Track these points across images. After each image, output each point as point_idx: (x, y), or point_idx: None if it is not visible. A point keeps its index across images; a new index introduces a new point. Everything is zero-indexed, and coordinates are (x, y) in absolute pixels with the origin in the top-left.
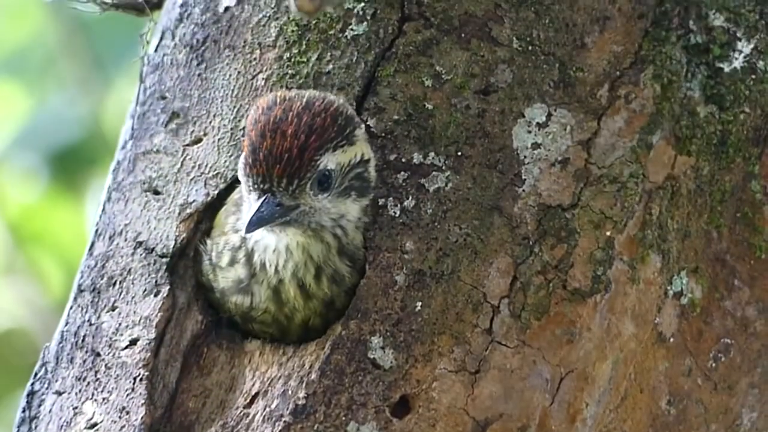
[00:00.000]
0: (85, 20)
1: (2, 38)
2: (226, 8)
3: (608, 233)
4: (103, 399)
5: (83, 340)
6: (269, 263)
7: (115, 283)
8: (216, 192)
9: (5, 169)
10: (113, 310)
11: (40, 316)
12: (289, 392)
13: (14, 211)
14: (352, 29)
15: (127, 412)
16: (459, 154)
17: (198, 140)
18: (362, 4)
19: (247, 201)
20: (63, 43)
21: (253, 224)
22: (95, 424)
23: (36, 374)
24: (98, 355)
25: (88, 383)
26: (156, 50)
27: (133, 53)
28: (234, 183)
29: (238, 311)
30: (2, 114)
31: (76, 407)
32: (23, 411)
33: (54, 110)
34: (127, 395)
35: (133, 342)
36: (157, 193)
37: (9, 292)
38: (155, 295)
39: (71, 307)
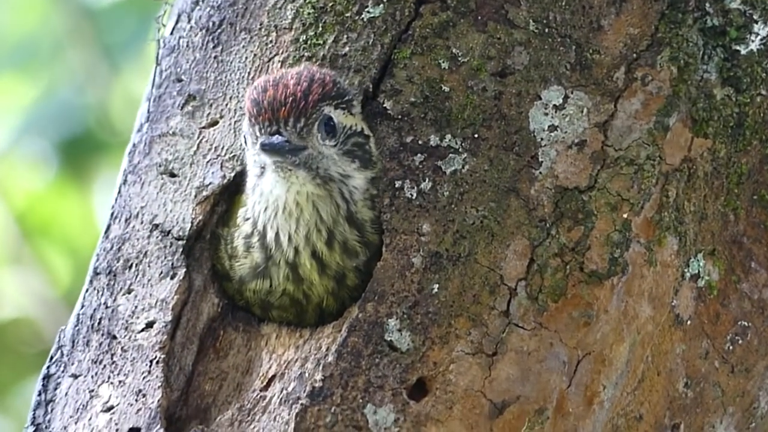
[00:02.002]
0: (92, 9)
1: (10, 28)
2: None
3: (625, 215)
4: (120, 382)
5: (99, 323)
6: (282, 232)
7: (131, 266)
8: (232, 174)
9: (13, 159)
10: (129, 293)
11: (47, 305)
12: (306, 375)
13: (21, 200)
14: (368, 11)
15: (144, 395)
16: (476, 136)
17: (214, 123)
18: None
19: (253, 147)
20: (70, 32)
21: (266, 146)
22: (111, 407)
23: (52, 357)
24: (114, 338)
25: (105, 366)
26: (172, 33)
27: (141, 41)
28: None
29: (257, 297)
30: (10, 103)
31: (93, 390)
32: (39, 394)
33: (61, 99)
34: (144, 378)
35: (150, 325)
36: (173, 175)
37: (16, 282)
38: (171, 278)
39: (87, 290)
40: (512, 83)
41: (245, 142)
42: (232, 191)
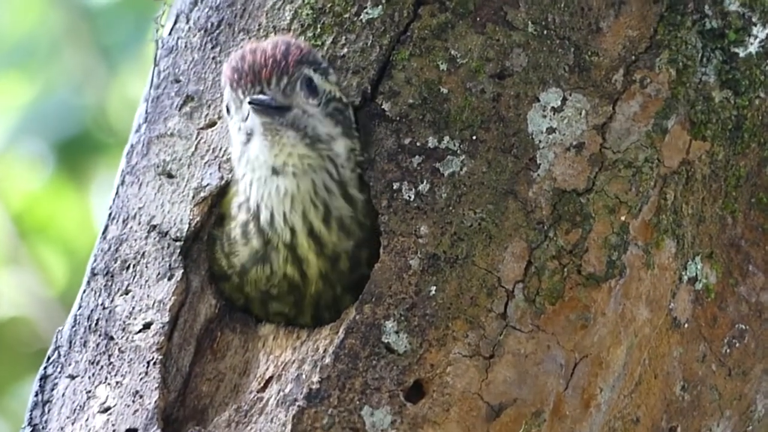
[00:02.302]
0: (90, 9)
1: (8, 27)
2: None
3: (623, 218)
4: (117, 383)
5: (96, 324)
6: (277, 213)
7: (128, 267)
8: (230, 176)
9: (10, 159)
10: (127, 294)
11: (44, 305)
12: (303, 376)
13: (18, 200)
14: (367, 13)
15: (141, 396)
16: (474, 138)
17: (212, 123)
18: None
19: (237, 114)
20: (68, 32)
21: (254, 101)
22: (108, 408)
23: (49, 358)
24: (111, 338)
25: (102, 367)
26: (170, 33)
27: (138, 42)
28: None
29: (257, 289)
30: (7, 103)
31: (90, 391)
32: (36, 395)
33: (59, 99)
34: (141, 379)
35: (147, 326)
36: (171, 176)
37: (13, 282)
38: (169, 279)
39: (84, 291)
40: (510, 85)
41: (227, 111)
42: (227, 193)
